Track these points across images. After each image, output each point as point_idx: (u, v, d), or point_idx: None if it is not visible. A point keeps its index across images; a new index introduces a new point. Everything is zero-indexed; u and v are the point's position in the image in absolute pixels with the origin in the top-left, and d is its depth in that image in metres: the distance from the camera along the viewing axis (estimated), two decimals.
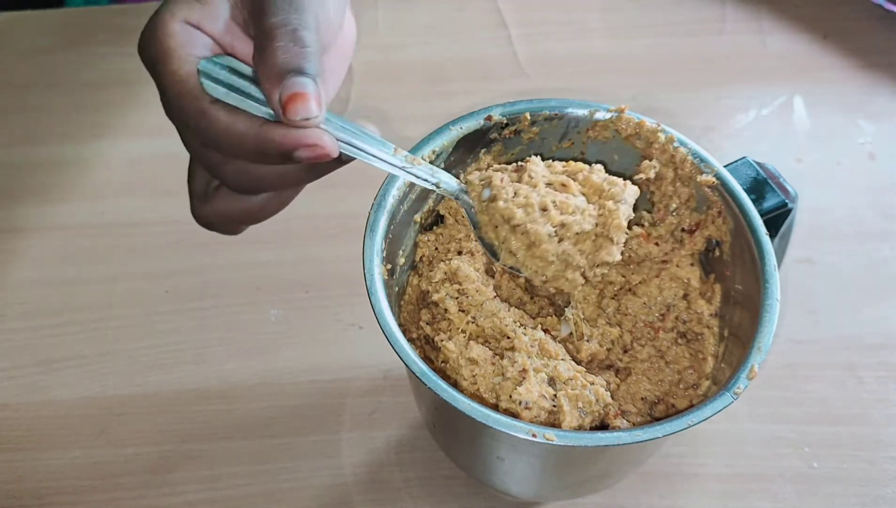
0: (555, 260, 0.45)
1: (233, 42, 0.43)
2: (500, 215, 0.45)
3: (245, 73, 0.41)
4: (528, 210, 0.44)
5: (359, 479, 0.58)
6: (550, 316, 0.51)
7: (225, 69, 0.41)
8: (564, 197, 0.45)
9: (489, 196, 0.46)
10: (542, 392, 0.44)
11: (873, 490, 0.57)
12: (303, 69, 0.39)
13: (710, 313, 0.50)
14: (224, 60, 0.41)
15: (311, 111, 0.38)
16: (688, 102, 0.80)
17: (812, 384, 0.62)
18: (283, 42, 0.39)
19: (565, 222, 0.44)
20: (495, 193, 0.45)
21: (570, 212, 0.45)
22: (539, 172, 0.46)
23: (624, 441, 0.40)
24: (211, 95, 0.40)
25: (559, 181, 0.46)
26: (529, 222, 0.44)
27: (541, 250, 0.45)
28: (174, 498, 0.57)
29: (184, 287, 0.67)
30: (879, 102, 0.79)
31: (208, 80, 0.40)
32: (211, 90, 0.40)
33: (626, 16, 0.87)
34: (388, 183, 0.48)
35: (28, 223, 0.71)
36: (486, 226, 0.46)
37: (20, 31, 0.85)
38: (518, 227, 0.44)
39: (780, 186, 0.50)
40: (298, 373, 0.63)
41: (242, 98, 0.40)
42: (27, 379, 0.62)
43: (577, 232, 0.45)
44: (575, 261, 0.45)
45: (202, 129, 0.40)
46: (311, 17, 0.40)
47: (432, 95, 0.80)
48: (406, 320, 0.50)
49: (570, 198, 0.45)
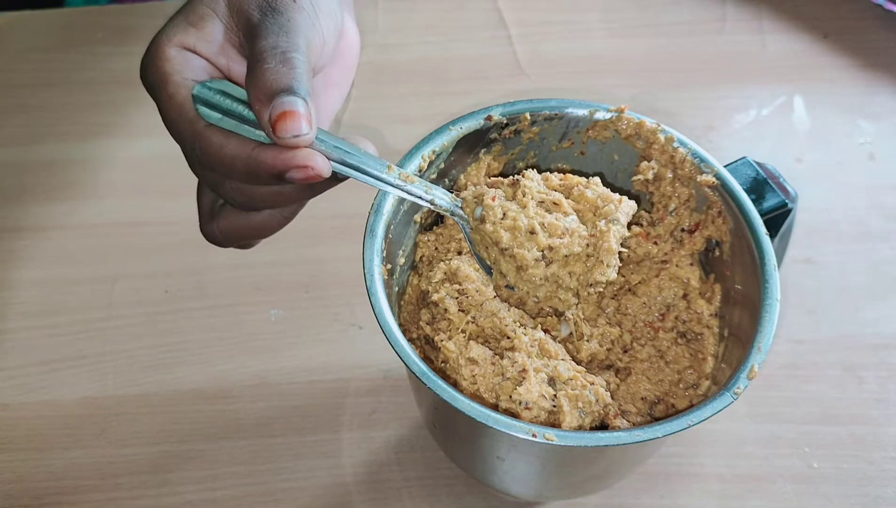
0: (544, 283, 0.46)
1: (228, 64, 0.43)
2: (489, 236, 0.46)
3: (239, 96, 0.41)
4: (516, 233, 0.45)
5: (359, 479, 0.58)
6: (550, 316, 0.51)
7: (219, 93, 0.41)
8: (554, 218, 0.46)
9: (480, 215, 0.46)
10: (542, 392, 0.44)
11: (873, 490, 0.57)
12: (292, 89, 0.39)
13: (710, 313, 0.50)
14: (218, 85, 0.41)
15: (301, 129, 0.39)
16: (688, 102, 0.80)
17: (812, 384, 0.62)
18: (272, 64, 0.39)
19: (553, 246, 0.45)
20: (484, 214, 0.46)
21: (558, 234, 0.45)
22: (533, 187, 0.47)
23: (624, 441, 0.40)
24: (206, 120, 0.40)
25: (552, 199, 0.47)
26: (516, 247, 0.45)
27: (528, 274, 0.45)
28: (174, 498, 0.57)
29: (184, 287, 0.67)
30: (879, 102, 0.79)
31: (203, 105, 0.40)
32: (206, 116, 0.40)
33: (626, 16, 0.87)
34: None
35: (28, 223, 0.71)
36: (478, 245, 0.47)
37: (20, 31, 0.85)
38: (506, 250, 0.45)
39: (780, 186, 0.50)
40: (298, 373, 0.63)
41: (237, 123, 0.40)
42: (27, 379, 0.62)
43: (566, 254, 0.45)
44: (565, 283, 0.46)
45: (198, 151, 0.41)
46: (302, 39, 0.41)
47: (432, 95, 0.80)
48: (406, 320, 0.50)
49: (560, 219, 0.46)
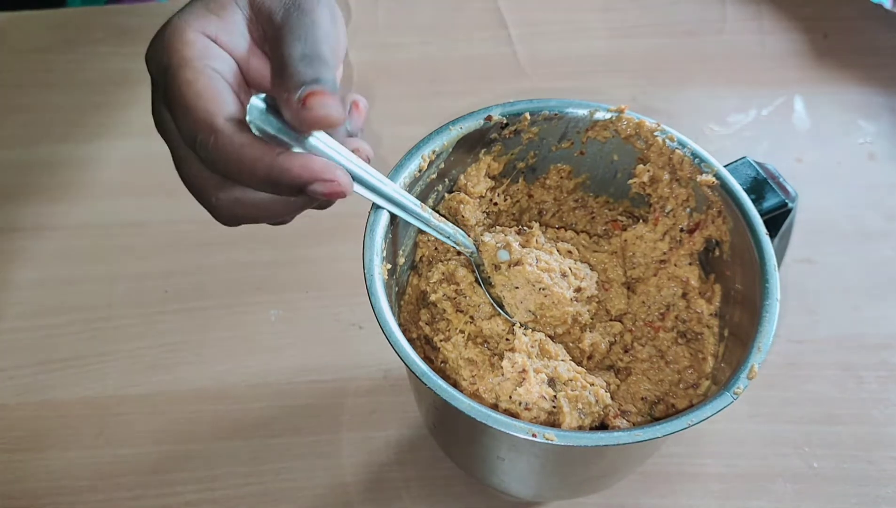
0: (566, 320, 0.49)
1: (248, 58, 0.42)
2: (525, 278, 0.48)
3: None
4: (552, 275, 0.48)
5: (359, 479, 0.58)
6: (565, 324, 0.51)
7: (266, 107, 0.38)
8: (575, 264, 0.50)
9: (509, 259, 0.49)
10: (541, 393, 0.44)
11: (873, 490, 0.57)
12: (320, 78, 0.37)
13: (710, 312, 0.50)
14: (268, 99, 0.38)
15: (331, 107, 0.36)
16: (688, 102, 0.80)
17: (812, 384, 0.62)
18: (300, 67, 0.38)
19: (581, 287, 0.49)
20: (519, 258, 0.48)
21: (582, 278, 0.50)
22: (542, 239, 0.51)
23: (623, 441, 0.40)
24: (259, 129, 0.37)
25: (566, 248, 0.52)
26: (555, 286, 0.48)
27: (563, 312, 0.48)
28: (173, 498, 0.57)
29: (184, 287, 0.67)
30: (879, 102, 0.79)
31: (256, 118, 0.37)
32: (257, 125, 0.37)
33: (626, 16, 0.87)
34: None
35: (28, 223, 0.71)
36: (500, 286, 0.49)
37: (20, 31, 0.85)
38: (543, 290, 0.48)
39: (780, 186, 0.50)
40: (298, 373, 0.62)
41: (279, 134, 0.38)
42: (27, 379, 0.62)
43: (589, 296, 0.50)
44: (584, 320, 0.50)
45: (210, 147, 0.38)
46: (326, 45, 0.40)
47: (432, 95, 0.80)
48: (406, 320, 0.50)
49: (578, 265, 0.50)
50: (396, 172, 0.48)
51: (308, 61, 0.38)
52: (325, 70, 0.38)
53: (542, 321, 0.49)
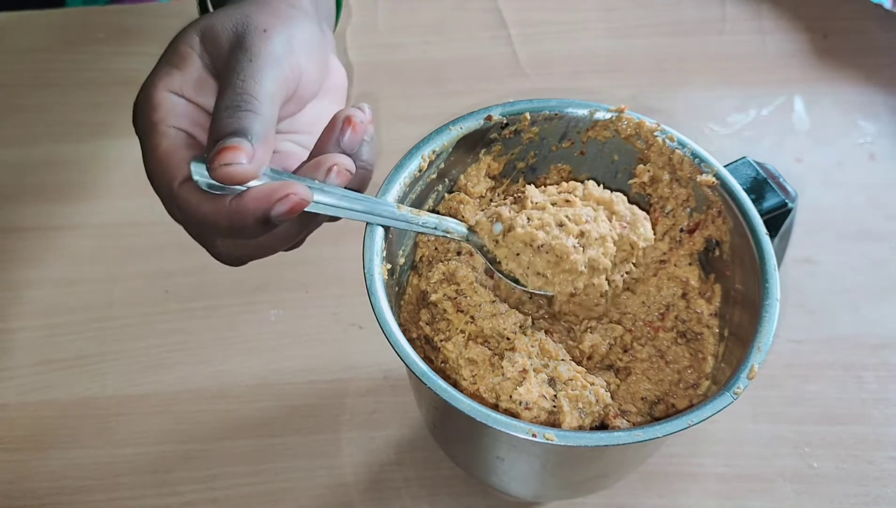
0: (584, 270, 0.47)
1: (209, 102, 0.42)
2: (521, 241, 0.46)
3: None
4: (547, 229, 0.46)
5: (359, 479, 0.58)
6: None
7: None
8: (573, 211, 0.47)
9: (502, 229, 0.47)
10: (542, 393, 0.44)
11: (873, 490, 0.57)
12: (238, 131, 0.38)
13: (710, 312, 0.50)
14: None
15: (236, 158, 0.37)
16: (688, 102, 0.80)
17: (812, 384, 0.62)
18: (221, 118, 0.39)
19: (584, 231, 0.46)
20: (510, 223, 0.47)
21: (583, 222, 0.46)
22: (538, 196, 0.48)
23: (623, 441, 0.40)
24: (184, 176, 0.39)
25: (562, 198, 0.48)
26: (553, 240, 0.46)
27: (570, 263, 0.46)
28: (174, 498, 0.57)
29: (184, 287, 0.67)
30: (879, 102, 0.79)
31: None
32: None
33: (626, 16, 0.87)
34: (388, 183, 0.48)
35: (28, 223, 0.71)
36: (505, 259, 0.47)
37: (20, 31, 0.85)
38: (542, 247, 0.46)
39: (780, 186, 0.50)
40: (298, 373, 0.62)
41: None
42: (27, 379, 0.62)
43: (597, 237, 0.47)
44: (601, 264, 0.47)
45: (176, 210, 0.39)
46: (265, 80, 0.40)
47: (432, 95, 0.80)
48: (406, 320, 0.50)
49: (579, 210, 0.47)
50: (396, 172, 0.48)
51: (231, 111, 0.39)
52: (247, 119, 0.38)
53: (557, 280, 0.47)
